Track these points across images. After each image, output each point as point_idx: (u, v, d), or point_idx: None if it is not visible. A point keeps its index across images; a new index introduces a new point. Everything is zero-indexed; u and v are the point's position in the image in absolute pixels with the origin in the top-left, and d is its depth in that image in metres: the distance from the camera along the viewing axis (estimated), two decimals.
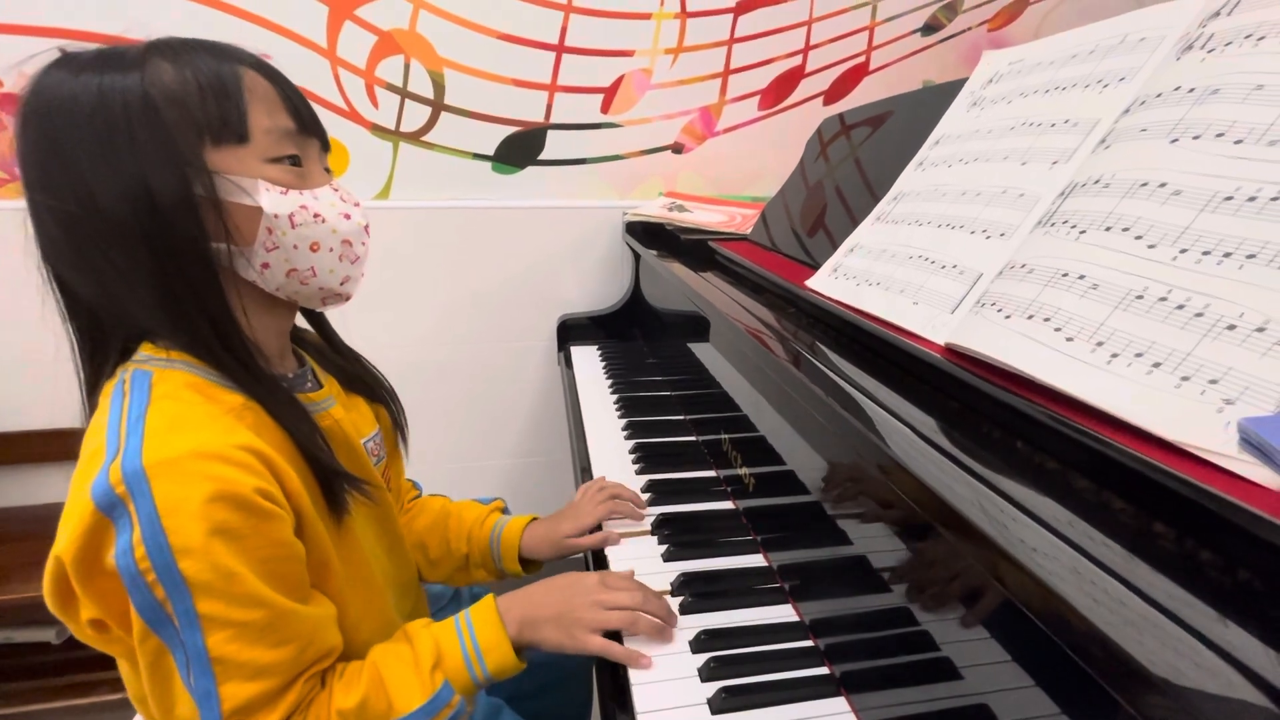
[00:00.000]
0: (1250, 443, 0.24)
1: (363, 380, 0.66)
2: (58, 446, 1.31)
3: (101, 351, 0.51)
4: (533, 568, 0.77)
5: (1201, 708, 0.24)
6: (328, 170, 0.55)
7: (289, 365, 0.58)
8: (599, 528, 0.76)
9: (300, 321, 0.63)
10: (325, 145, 0.55)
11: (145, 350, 0.49)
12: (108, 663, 0.48)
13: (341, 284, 0.55)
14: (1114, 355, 0.38)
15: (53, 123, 0.45)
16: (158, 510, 0.41)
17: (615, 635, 0.58)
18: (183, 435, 0.44)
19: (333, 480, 0.53)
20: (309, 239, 0.51)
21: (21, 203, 0.47)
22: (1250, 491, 0.30)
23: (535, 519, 0.78)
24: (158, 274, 0.46)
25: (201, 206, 0.47)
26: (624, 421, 1.03)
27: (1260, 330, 0.33)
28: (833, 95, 1.56)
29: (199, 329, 0.48)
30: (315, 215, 0.51)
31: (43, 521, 1.33)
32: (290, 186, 0.50)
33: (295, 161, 0.51)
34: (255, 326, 0.52)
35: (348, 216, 0.54)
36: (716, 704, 0.52)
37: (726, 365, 0.85)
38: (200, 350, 0.49)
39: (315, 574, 0.51)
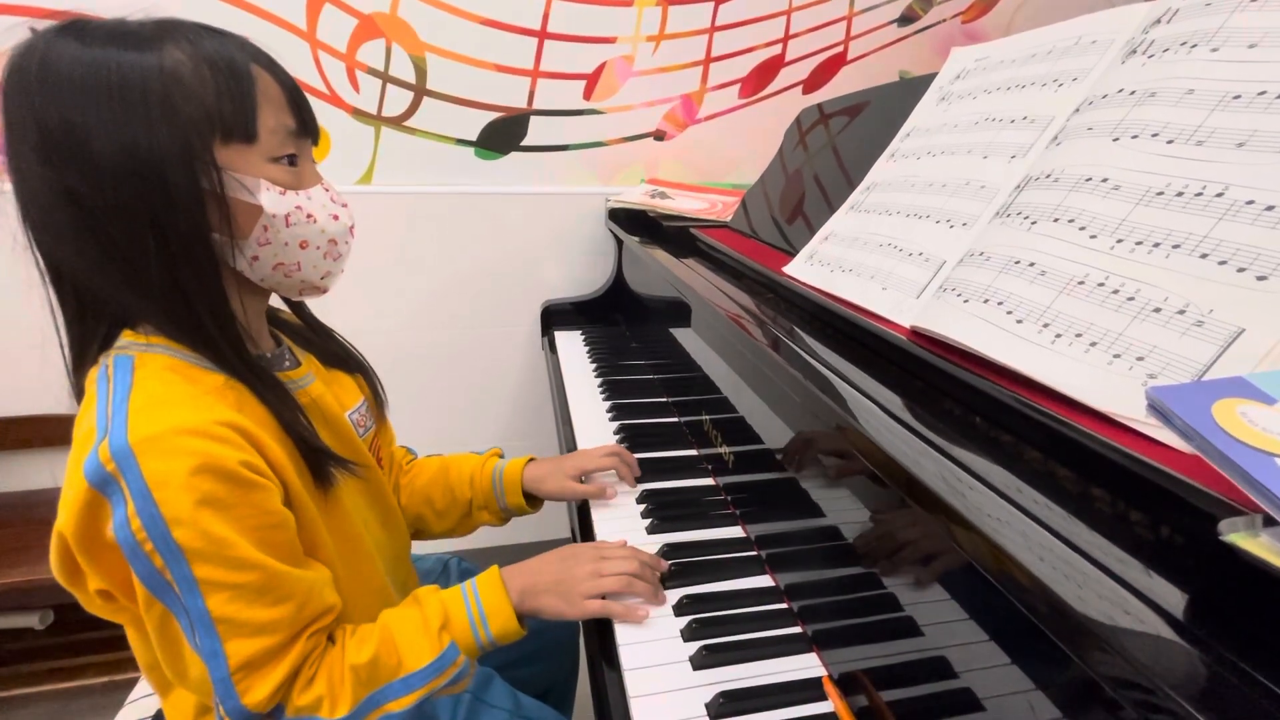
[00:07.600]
0: (1155, 409, 0.28)
1: (337, 354, 0.68)
2: (37, 432, 1.30)
3: (88, 334, 0.52)
4: (534, 504, 0.80)
5: (1128, 645, 0.27)
6: (311, 161, 0.56)
7: (267, 345, 0.60)
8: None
9: (275, 301, 0.63)
10: (315, 140, 0.56)
11: (126, 337, 0.50)
12: (91, 648, 0.50)
13: (322, 279, 0.57)
14: (1057, 336, 0.42)
15: (64, 94, 0.44)
16: (147, 484, 0.43)
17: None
18: (164, 413, 0.45)
19: (317, 456, 0.55)
20: (300, 237, 0.53)
21: (5, 185, 0.46)
22: (1168, 455, 0.34)
23: (535, 459, 0.80)
24: (163, 259, 0.47)
25: (206, 199, 0.48)
26: (608, 404, 1.06)
27: (1181, 313, 0.37)
28: (811, 84, 1.59)
29: (197, 314, 0.49)
30: (308, 216, 0.53)
31: (21, 508, 1.32)
32: (289, 187, 0.52)
33: (293, 160, 0.52)
34: (245, 311, 0.53)
35: (336, 218, 0.55)
36: (698, 660, 0.56)
37: (707, 349, 0.88)
38: (193, 334, 0.50)
39: (305, 543, 0.53)
